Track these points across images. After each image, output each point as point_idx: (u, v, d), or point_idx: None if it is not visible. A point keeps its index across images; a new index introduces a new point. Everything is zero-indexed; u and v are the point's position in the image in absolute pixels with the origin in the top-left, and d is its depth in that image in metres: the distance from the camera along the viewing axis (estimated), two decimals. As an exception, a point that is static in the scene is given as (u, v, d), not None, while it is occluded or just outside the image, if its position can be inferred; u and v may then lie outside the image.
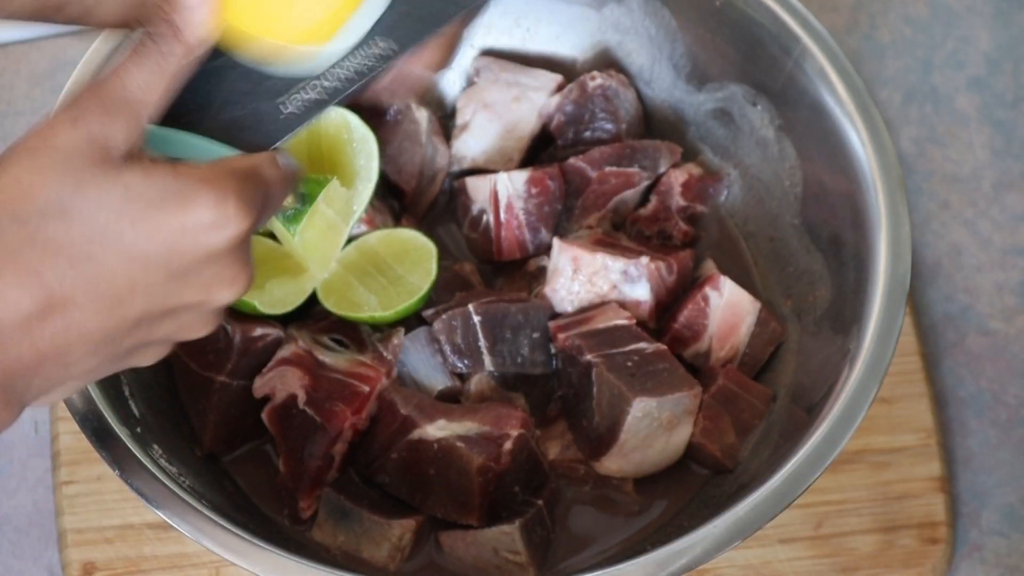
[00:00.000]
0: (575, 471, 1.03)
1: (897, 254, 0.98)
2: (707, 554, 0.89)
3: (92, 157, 0.72)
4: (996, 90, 1.26)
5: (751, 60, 1.07)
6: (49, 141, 0.71)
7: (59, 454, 1.08)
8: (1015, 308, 1.18)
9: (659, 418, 0.99)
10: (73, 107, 0.73)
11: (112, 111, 0.73)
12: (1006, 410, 1.15)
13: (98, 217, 0.71)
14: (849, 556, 1.07)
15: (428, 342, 1.03)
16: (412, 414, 0.99)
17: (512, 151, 1.12)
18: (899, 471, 1.09)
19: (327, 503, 0.99)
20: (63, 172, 0.71)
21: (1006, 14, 1.29)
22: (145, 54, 0.75)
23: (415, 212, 1.11)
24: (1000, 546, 1.11)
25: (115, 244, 0.72)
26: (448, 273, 1.07)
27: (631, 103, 1.12)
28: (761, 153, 1.09)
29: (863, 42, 1.28)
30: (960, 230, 1.21)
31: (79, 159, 0.71)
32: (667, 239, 1.10)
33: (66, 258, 0.71)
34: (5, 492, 1.11)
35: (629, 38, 1.13)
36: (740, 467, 1.01)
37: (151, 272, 0.73)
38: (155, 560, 1.05)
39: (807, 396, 0.99)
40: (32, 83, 1.25)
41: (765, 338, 1.05)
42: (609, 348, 1.01)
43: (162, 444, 0.96)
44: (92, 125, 0.72)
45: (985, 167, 1.23)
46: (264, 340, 1.01)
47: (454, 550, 0.99)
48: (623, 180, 1.09)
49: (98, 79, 0.75)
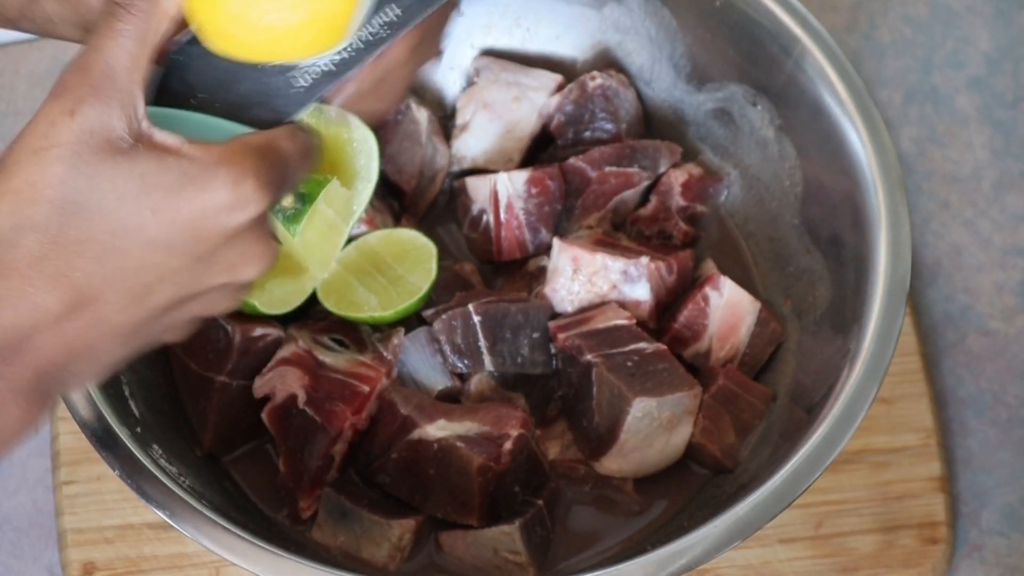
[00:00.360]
0: (575, 471, 1.03)
1: (897, 254, 0.98)
2: (707, 554, 0.89)
3: (98, 148, 0.70)
4: (996, 90, 1.26)
5: (751, 60, 1.07)
6: (51, 139, 0.70)
7: (59, 454, 1.08)
8: (1015, 308, 1.18)
9: (659, 418, 0.99)
10: (64, 97, 0.71)
11: (104, 95, 0.71)
12: (1006, 410, 1.15)
13: (118, 210, 0.70)
14: (849, 556, 1.07)
15: (428, 342, 1.03)
16: (412, 414, 0.99)
17: (512, 151, 1.12)
18: (899, 471, 1.09)
19: (327, 503, 0.99)
20: (73, 169, 0.69)
21: (1006, 14, 1.29)
22: (119, 26, 0.72)
23: (415, 212, 1.11)
24: (1000, 546, 1.11)
25: (138, 235, 0.71)
26: (448, 273, 1.07)
27: (631, 103, 1.12)
28: (761, 153, 1.09)
29: (863, 42, 1.28)
30: (960, 230, 1.21)
31: (87, 153, 0.70)
32: (667, 239, 1.10)
33: (91, 256, 0.70)
34: (5, 492, 1.11)
35: (629, 38, 1.13)
36: (740, 467, 1.01)
37: (176, 258, 0.72)
38: (155, 560, 1.05)
39: (807, 396, 0.99)
40: (32, 83, 1.25)
41: (765, 338, 1.05)
42: (609, 348, 1.01)
43: (162, 444, 0.96)
44: (90, 114, 0.70)
45: (985, 167, 1.23)
46: (264, 340, 1.01)
47: (454, 550, 0.99)
48: (623, 180, 1.09)
49: (79, 60, 0.72)
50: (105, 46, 0.72)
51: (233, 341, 1.00)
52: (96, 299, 0.71)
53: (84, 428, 0.92)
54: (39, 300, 0.69)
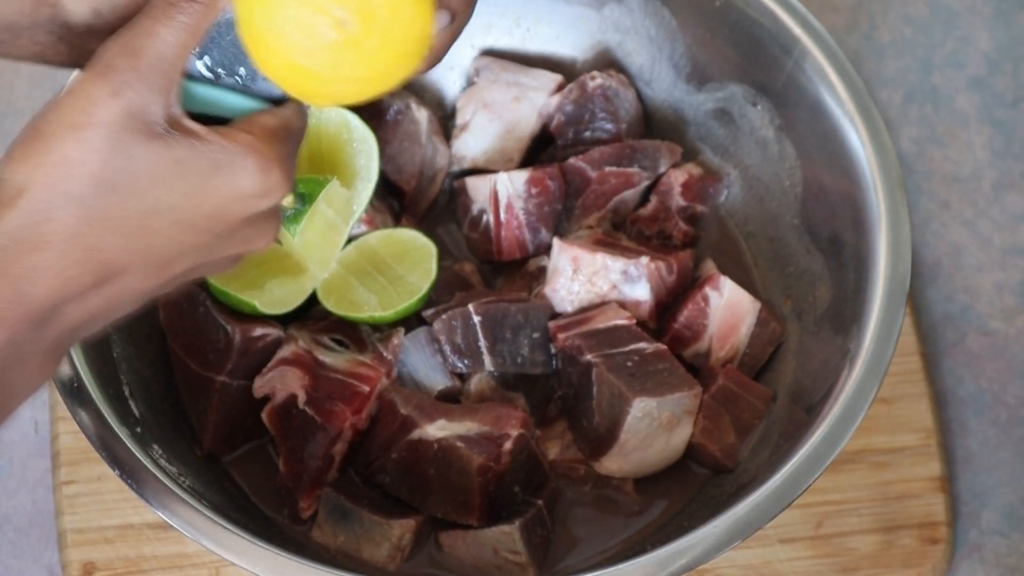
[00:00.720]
0: (575, 471, 1.03)
1: (897, 254, 0.98)
2: (707, 554, 0.89)
3: (137, 130, 0.72)
4: (996, 90, 1.26)
5: (751, 60, 1.07)
6: (92, 116, 0.71)
7: (59, 454, 1.08)
8: (1015, 308, 1.18)
9: (659, 418, 0.99)
10: (109, 76, 0.72)
11: (150, 80, 0.72)
12: (1006, 410, 1.15)
13: (152, 191, 0.72)
14: (849, 556, 1.07)
15: (428, 342, 1.03)
16: (412, 414, 0.99)
17: (512, 151, 1.12)
18: (899, 471, 1.09)
19: (327, 503, 0.99)
20: (113, 148, 0.71)
21: (1006, 14, 1.29)
22: (178, 17, 0.74)
23: (415, 212, 1.11)
24: (1000, 546, 1.11)
25: (168, 215, 0.73)
26: (448, 273, 1.07)
27: (631, 103, 1.12)
28: (761, 153, 1.09)
29: (863, 42, 1.28)
30: (960, 230, 1.21)
31: (126, 133, 0.71)
32: (667, 239, 1.10)
33: (122, 233, 0.72)
34: (5, 492, 1.11)
35: (629, 38, 1.13)
36: (740, 467, 1.01)
37: (199, 236, 0.75)
38: (155, 560, 1.05)
39: (807, 396, 1.00)
40: (32, 83, 1.25)
41: (765, 338, 1.05)
42: (609, 348, 1.01)
43: (162, 444, 0.96)
44: (132, 97, 0.72)
45: (985, 167, 1.23)
46: (264, 340, 1.01)
47: (454, 550, 0.99)
48: (623, 180, 1.09)
49: (127, 41, 0.73)
50: (159, 33, 0.73)
51: (233, 341, 1.00)
52: (121, 273, 0.73)
53: (84, 428, 0.92)
54: (71, 274, 0.71)
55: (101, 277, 0.72)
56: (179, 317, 1.02)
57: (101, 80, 0.72)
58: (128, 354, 1.00)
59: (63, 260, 0.71)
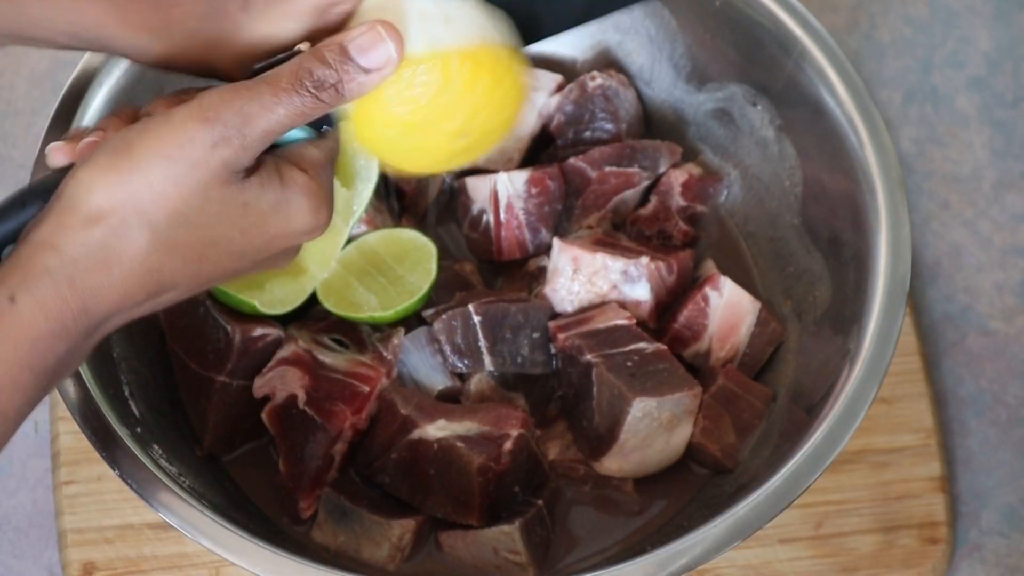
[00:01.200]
0: (575, 471, 1.03)
1: (897, 254, 0.98)
2: (707, 554, 0.89)
3: (221, 177, 0.77)
4: (996, 90, 1.26)
5: (751, 60, 1.07)
6: (186, 153, 0.76)
7: (59, 454, 1.08)
8: (1015, 308, 1.18)
9: (659, 418, 0.99)
10: (215, 128, 0.76)
11: (249, 147, 0.77)
12: (1006, 410, 1.15)
13: (217, 227, 0.78)
14: (849, 556, 1.07)
15: (428, 342, 1.03)
16: (412, 414, 0.99)
17: (512, 151, 1.12)
18: (899, 471, 1.09)
19: (327, 503, 0.99)
20: (195, 188, 0.77)
21: (1006, 14, 1.29)
22: (297, 98, 0.78)
23: (415, 212, 1.11)
24: (1000, 546, 1.11)
25: (223, 246, 0.79)
26: (448, 273, 1.07)
27: (631, 103, 1.12)
28: (761, 153, 1.09)
29: (863, 42, 1.28)
30: (960, 230, 1.21)
31: (211, 178, 0.77)
32: (667, 239, 1.10)
33: (181, 259, 0.78)
34: (5, 492, 1.11)
35: (629, 38, 1.13)
36: (740, 467, 1.01)
37: (244, 261, 0.81)
38: (155, 560, 1.05)
39: (807, 396, 0.99)
40: (32, 83, 1.25)
41: (765, 338, 1.05)
42: (609, 348, 1.01)
43: (162, 444, 0.96)
44: (228, 154, 0.77)
45: (985, 167, 1.23)
46: (264, 340, 1.01)
47: (454, 550, 0.99)
48: (623, 180, 1.09)
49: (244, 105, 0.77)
50: (276, 110, 0.78)
51: (233, 341, 1.00)
52: (171, 289, 0.79)
53: (84, 428, 0.92)
54: (131, 291, 0.77)
55: (153, 294, 0.78)
56: (179, 317, 1.02)
57: (205, 126, 0.77)
58: (128, 354, 1.00)
59: (127, 279, 0.77)
